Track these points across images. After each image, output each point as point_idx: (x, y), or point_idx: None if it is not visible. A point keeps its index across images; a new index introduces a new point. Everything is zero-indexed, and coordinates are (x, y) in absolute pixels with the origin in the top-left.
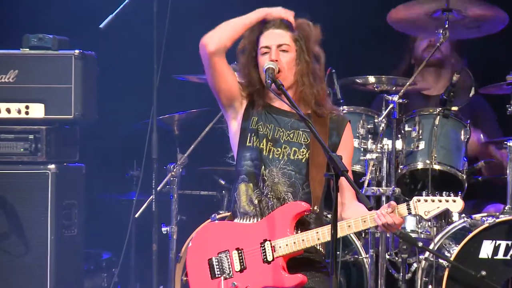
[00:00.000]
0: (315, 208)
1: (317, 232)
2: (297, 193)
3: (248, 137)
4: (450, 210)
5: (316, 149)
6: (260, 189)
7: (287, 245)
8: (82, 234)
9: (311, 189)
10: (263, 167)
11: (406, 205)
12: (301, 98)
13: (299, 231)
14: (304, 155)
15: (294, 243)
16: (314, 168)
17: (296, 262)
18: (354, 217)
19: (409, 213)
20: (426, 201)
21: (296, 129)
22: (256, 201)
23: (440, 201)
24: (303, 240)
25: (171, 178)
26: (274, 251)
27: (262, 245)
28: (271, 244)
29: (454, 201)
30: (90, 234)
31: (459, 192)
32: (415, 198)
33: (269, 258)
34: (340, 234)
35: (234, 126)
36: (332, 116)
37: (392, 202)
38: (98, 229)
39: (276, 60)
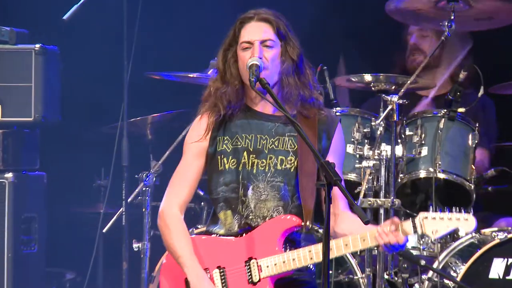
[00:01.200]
0: (308, 223)
1: (310, 251)
2: (287, 207)
3: (219, 161)
4: (461, 230)
5: (305, 155)
6: (239, 214)
7: (275, 264)
8: (43, 251)
9: (302, 201)
10: (242, 189)
11: (412, 222)
12: (286, 99)
13: (287, 248)
14: (293, 164)
15: (284, 262)
16: (304, 177)
17: (283, 283)
18: (351, 233)
19: (415, 232)
20: (434, 218)
21: (281, 135)
22: (236, 229)
23: (450, 219)
24: (293, 259)
25: (144, 188)
26: (261, 271)
27: (247, 264)
28: (257, 263)
29: (466, 219)
30: (52, 251)
31: (469, 208)
32: (421, 215)
33: (255, 278)
34: (336, 253)
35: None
36: (321, 117)
37: (395, 219)
38: (61, 246)
39: (260, 58)
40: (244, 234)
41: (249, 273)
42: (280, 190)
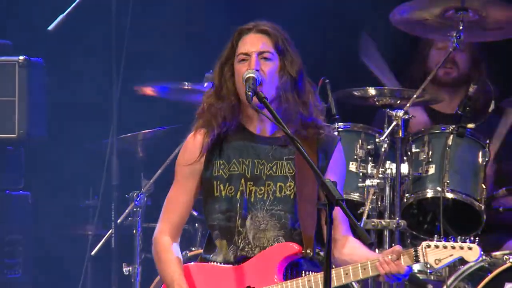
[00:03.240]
0: (308, 251)
1: (309, 280)
2: (289, 235)
3: (215, 187)
4: (464, 259)
5: (304, 179)
6: (235, 245)
7: None
8: (28, 276)
9: (301, 228)
10: (239, 219)
11: (414, 251)
12: (284, 117)
13: (290, 272)
14: (292, 190)
15: None
16: (303, 202)
17: None
18: (352, 260)
19: (417, 262)
20: (437, 247)
21: (279, 159)
22: (232, 259)
23: (453, 247)
24: None
25: (134, 209)
26: None
27: None
28: None
29: (470, 248)
30: (37, 275)
31: (479, 230)
32: (424, 244)
33: None
34: (335, 283)
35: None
36: (320, 137)
37: (397, 247)
38: (47, 270)
39: (257, 70)
40: (242, 263)
41: None
42: (281, 219)
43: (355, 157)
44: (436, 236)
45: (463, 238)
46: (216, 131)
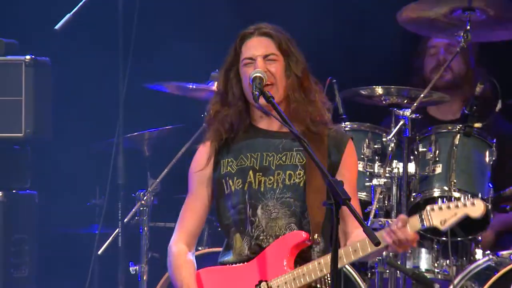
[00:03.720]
0: (316, 236)
1: (320, 263)
2: (300, 223)
3: (224, 185)
4: (470, 215)
5: (313, 170)
6: (249, 235)
7: (286, 283)
8: (35, 275)
9: (310, 216)
10: (250, 209)
11: (419, 216)
12: (293, 116)
13: (298, 264)
14: (302, 178)
15: (294, 279)
16: (312, 192)
17: None
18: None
19: (423, 225)
20: (440, 209)
21: (289, 150)
22: (246, 251)
23: (457, 206)
24: (303, 274)
25: (141, 208)
26: None
27: (258, 287)
28: (267, 284)
29: (474, 204)
30: (44, 274)
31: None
32: (428, 207)
33: None
34: (345, 261)
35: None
36: (330, 132)
37: (402, 215)
38: (53, 269)
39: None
40: (256, 254)
41: None
42: (291, 206)
43: (362, 156)
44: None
45: (470, 237)
46: (224, 136)
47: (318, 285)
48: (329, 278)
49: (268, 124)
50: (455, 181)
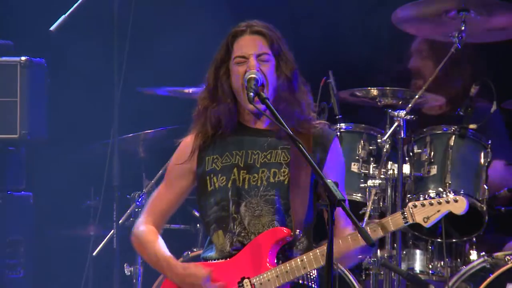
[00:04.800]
0: (297, 232)
1: (302, 260)
2: (284, 221)
3: (208, 181)
4: (452, 212)
5: (298, 169)
6: (231, 231)
7: (269, 280)
8: (30, 276)
9: (292, 211)
10: (233, 206)
11: (401, 213)
12: (281, 115)
13: (281, 261)
14: (286, 176)
15: (277, 277)
16: (296, 190)
17: None
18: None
19: (406, 222)
20: (423, 205)
21: (274, 148)
22: (228, 248)
23: (440, 203)
24: (287, 272)
25: (136, 209)
26: None
27: (240, 284)
28: (250, 281)
29: (456, 200)
30: (39, 276)
31: (480, 230)
32: (410, 204)
33: None
34: (321, 262)
35: (194, 182)
36: (315, 131)
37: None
38: (48, 270)
39: (258, 71)
40: (238, 251)
41: None
42: (274, 204)
43: (357, 157)
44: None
45: (465, 239)
46: (210, 132)
47: (301, 281)
48: (311, 274)
49: (255, 122)
50: (450, 182)
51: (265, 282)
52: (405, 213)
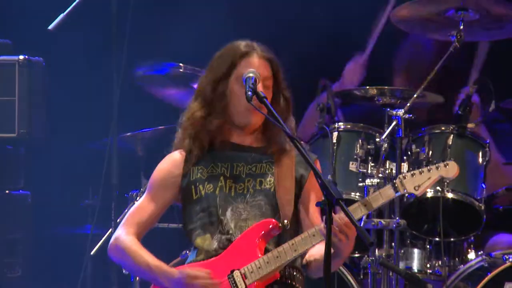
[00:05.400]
0: (285, 222)
1: (293, 244)
2: None
3: (193, 190)
4: (445, 177)
5: (283, 177)
6: (220, 233)
7: (259, 267)
8: (28, 275)
9: (279, 205)
10: (220, 210)
11: (392, 185)
12: (271, 138)
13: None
14: (272, 184)
15: (268, 262)
16: (281, 189)
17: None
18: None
19: (397, 193)
20: (413, 175)
21: (259, 162)
22: (215, 246)
23: (430, 170)
24: (277, 257)
25: None
26: (246, 279)
27: (230, 276)
28: (240, 272)
29: (447, 165)
30: (37, 275)
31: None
32: (400, 176)
33: (241, 287)
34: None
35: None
36: (294, 151)
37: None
38: (46, 269)
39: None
40: (222, 251)
41: (234, 284)
42: (261, 208)
43: (355, 156)
44: (438, 228)
45: (463, 238)
46: (199, 148)
47: (289, 281)
48: (296, 274)
49: (240, 139)
50: (448, 181)
51: (256, 269)
52: (396, 184)
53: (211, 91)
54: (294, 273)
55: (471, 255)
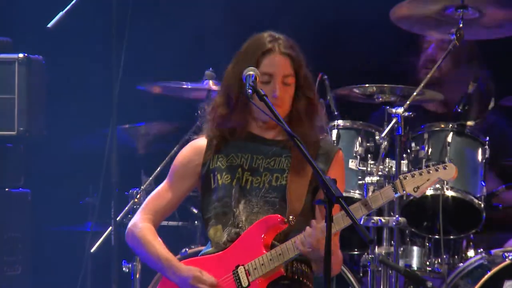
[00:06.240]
0: (291, 218)
1: (295, 242)
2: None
3: (212, 179)
4: (443, 180)
5: (297, 173)
6: (231, 226)
7: (262, 264)
8: (28, 273)
9: (287, 200)
10: (234, 202)
11: (391, 186)
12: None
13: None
14: (288, 181)
15: (270, 259)
16: (292, 184)
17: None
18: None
19: (396, 193)
20: (413, 176)
21: (278, 156)
22: (224, 240)
23: (429, 172)
24: (280, 254)
25: (134, 206)
26: (249, 275)
27: (235, 272)
28: (244, 268)
29: (445, 167)
30: (37, 272)
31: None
32: (400, 177)
33: (244, 284)
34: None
35: (196, 184)
36: (321, 142)
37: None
38: (46, 267)
39: (275, 96)
40: (231, 244)
41: (238, 280)
42: (275, 205)
43: (355, 154)
44: (438, 226)
45: (463, 235)
46: (222, 138)
47: (296, 276)
48: (305, 269)
49: (263, 131)
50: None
51: (259, 266)
52: (395, 185)
53: (236, 87)
54: (303, 268)
55: (471, 252)
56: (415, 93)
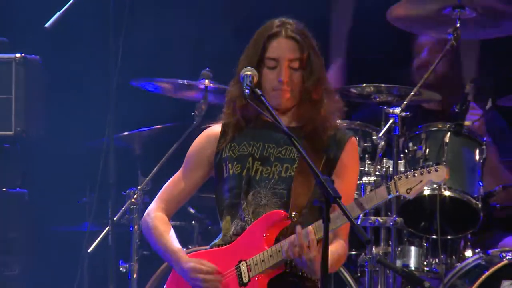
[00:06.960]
0: (293, 214)
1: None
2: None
3: (224, 168)
4: (434, 181)
5: (305, 166)
6: (238, 218)
7: (263, 260)
8: (25, 273)
9: (292, 195)
10: (243, 193)
11: (385, 187)
12: (303, 116)
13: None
14: (296, 172)
15: (270, 256)
16: (299, 177)
17: (278, 282)
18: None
19: (389, 195)
20: (407, 177)
21: (290, 145)
22: (231, 233)
23: (422, 173)
24: (279, 251)
25: (131, 206)
26: (250, 271)
27: (237, 267)
28: (246, 263)
29: (437, 169)
30: (34, 273)
31: (475, 227)
32: (395, 177)
33: (245, 279)
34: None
35: (210, 173)
36: (333, 130)
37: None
38: (44, 267)
39: (280, 80)
40: (237, 237)
41: (239, 275)
42: (283, 197)
43: None
44: (435, 226)
45: (460, 235)
46: (235, 125)
47: (288, 270)
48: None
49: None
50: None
51: (259, 262)
52: (390, 186)
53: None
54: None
55: (468, 252)
56: (412, 93)
